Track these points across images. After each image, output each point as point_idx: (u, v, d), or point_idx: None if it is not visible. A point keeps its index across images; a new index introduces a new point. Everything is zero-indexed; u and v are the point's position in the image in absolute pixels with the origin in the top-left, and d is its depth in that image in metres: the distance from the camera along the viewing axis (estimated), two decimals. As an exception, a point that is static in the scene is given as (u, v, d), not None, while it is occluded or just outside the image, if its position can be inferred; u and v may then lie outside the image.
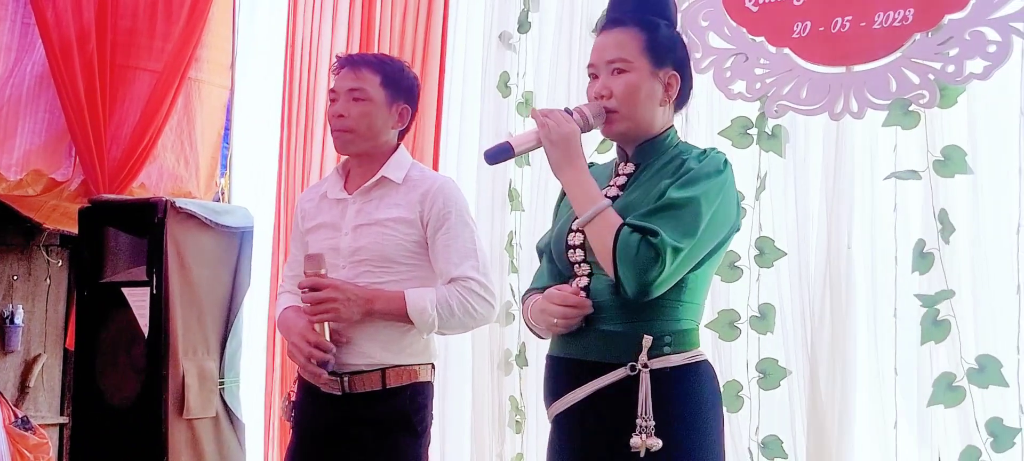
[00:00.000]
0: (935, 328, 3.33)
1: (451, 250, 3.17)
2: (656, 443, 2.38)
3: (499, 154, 2.57)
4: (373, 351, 3.16)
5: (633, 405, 2.41)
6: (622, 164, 2.66)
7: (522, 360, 4.22)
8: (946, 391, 3.30)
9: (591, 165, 2.73)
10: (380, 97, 3.26)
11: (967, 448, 3.28)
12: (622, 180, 2.62)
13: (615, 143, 2.72)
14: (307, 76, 5.04)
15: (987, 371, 3.26)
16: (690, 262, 2.45)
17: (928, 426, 3.39)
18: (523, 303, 2.76)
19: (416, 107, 3.39)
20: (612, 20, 2.64)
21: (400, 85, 3.31)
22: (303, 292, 3.15)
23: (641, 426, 2.39)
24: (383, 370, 3.16)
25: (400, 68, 3.36)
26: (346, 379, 3.15)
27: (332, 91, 3.31)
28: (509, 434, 4.26)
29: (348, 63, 3.31)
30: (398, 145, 3.35)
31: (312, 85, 5.01)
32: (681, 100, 2.68)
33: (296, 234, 3.46)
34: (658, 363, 2.45)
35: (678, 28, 2.72)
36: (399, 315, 3.13)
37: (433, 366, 3.29)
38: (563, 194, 2.76)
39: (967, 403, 3.29)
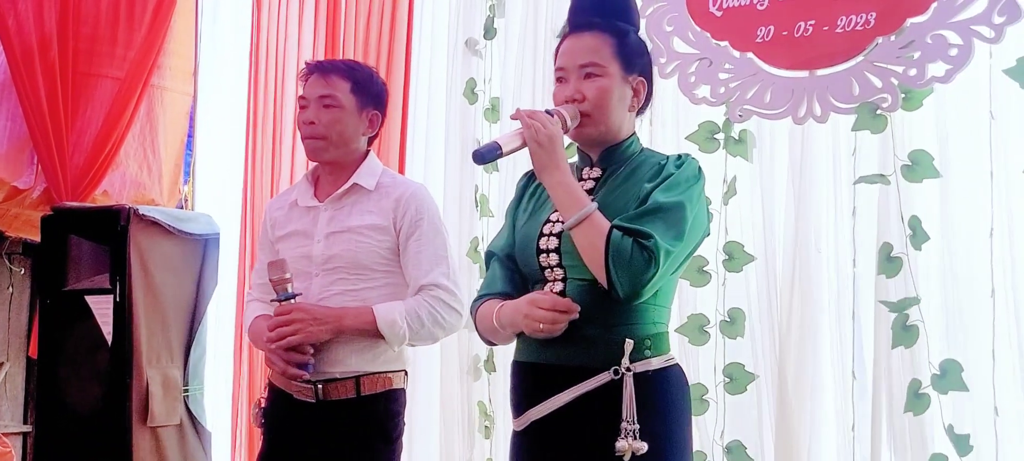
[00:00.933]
0: (904, 333, 3.36)
1: (422, 256, 3.17)
2: (641, 446, 2.38)
3: (487, 154, 2.52)
4: (347, 359, 3.16)
5: (617, 409, 2.41)
6: (587, 168, 2.65)
7: (491, 366, 4.21)
8: (913, 399, 3.33)
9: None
10: (351, 104, 3.25)
11: (933, 456, 3.31)
12: (590, 184, 2.61)
13: (577, 147, 2.70)
14: (273, 83, 5.02)
15: (949, 376, 3.29)
16: (676, 265, 2.47)
17: (895, 431, 3.42)
18: (475, 309, 2.71)
19: (385, 113, 3.39)
20: (581, 24, 2.63)
21: (370, 91, 3.30)
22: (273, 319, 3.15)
23: (626, 430, 2.39)
24: (357, 378, 3.15)
25: (369, 74, 3.36)
26: (320, 387, 3.14)
27: (302, 98, 3.30)
28: (479, 440, 4.26)
29: (318, 70, 3.30)
30: (368, 152, 3.35)
31: (279, 91, 5.00)
32: (646, 104, 2.69)
33: (264, 242, 3.44)
34: (640, 366, 2.45)
35: (641, 34, 2.73)
36: (370, 331, 3.13)
37: (406, 373, 3.29)
38: (518, 198, 2.76)
39: (934, 409, 3.32)
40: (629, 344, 2.44)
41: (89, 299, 4.77)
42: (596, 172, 2.63)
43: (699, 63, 3.70)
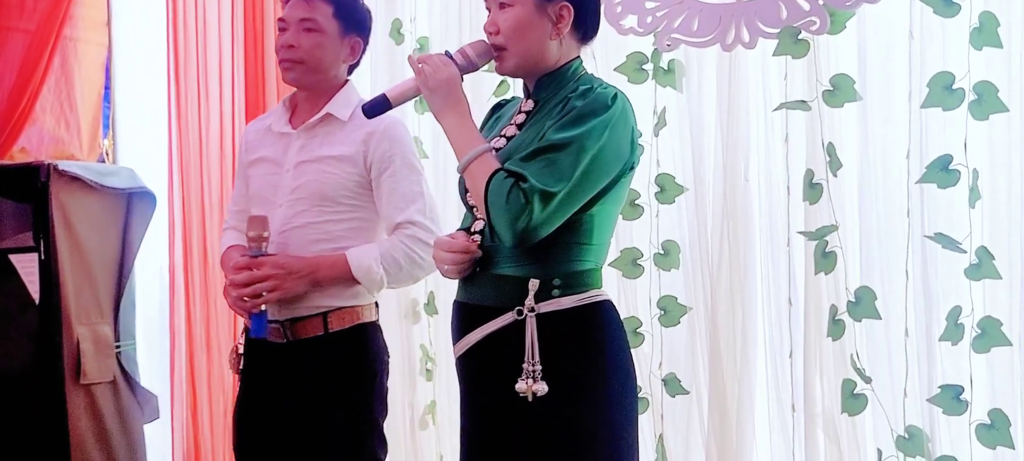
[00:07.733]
0: (824, 260, 3.41)
1: (396, 194, 3.10)
2: (542, 388, 2.39)
3: (376, 107, 2.57)
4: (314, 299, 3.11)
5: (521, 349, 2.42)
6: (525, 101, 2.63)
7: (432, 308, 4.20)
8: (833, 324, 3.41)
9: (504, 103, 2.70)
10: (333, 29, 3.17)
11: (845, 381, 3.39)
12: (521, 118, 2.59)
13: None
14: (194, 26, 4.91)
15: (862, 303, 3.36)
16: (570, 205, 2.41)
17: (822, 357, 3.49)
18: None
19: (367, 40, 3.30)
20: None
21: (353, 17, 3.21)
22: (236, 274, 3.07)
23: (527, 371, 2.40)
24: (324, 314, 3.10)
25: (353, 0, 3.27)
26: (288, 327, 3.11)
27: (281, 20, 3.21)
28: (421, 382, 4.26)
29: None
30: (347, 81, 3.27)
31: (200, 35, 4.89)
32: (585, 30, 2.62)
33: (239, 167, 3.39)
34: (548, 306, 2.44)
35: None
36: (345, 278, 3.08)
37: (376, 305, 3.23)
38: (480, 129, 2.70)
39: (848, 335, 3.39)
40: (534, 284, 2.43)
41: (13, 258, 4.68)
42: (529, 105, 2.60)
43: (625, -8, 3.67)
